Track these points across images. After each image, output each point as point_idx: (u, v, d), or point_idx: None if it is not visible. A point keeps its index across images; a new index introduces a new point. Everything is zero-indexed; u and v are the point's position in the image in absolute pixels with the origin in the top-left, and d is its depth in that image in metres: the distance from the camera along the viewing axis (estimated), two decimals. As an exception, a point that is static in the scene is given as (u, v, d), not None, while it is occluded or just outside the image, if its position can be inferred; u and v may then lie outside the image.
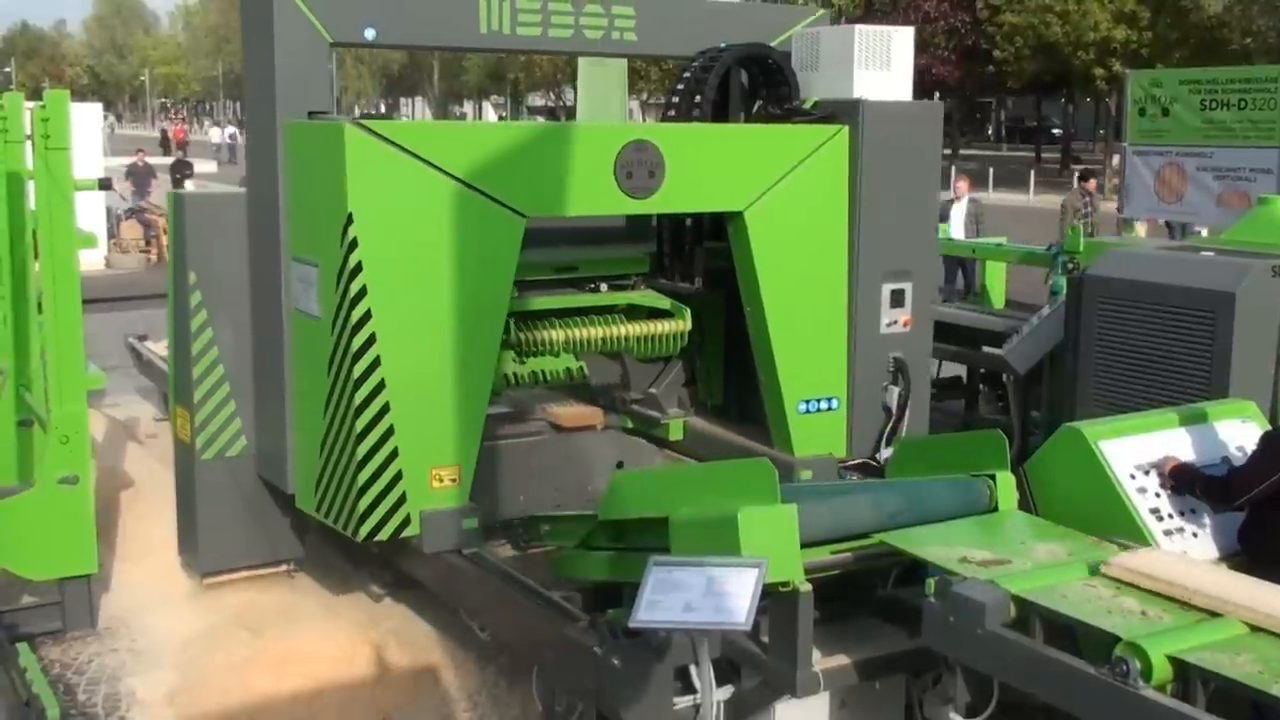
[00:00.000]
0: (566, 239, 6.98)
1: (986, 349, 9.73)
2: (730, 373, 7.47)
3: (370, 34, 6.51)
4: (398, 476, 5.77)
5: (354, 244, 5.61)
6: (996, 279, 11.82)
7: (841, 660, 4.39)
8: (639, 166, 6.19)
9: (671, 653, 4.38)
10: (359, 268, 5.63)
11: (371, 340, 5.67)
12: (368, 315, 5.66)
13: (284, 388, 6.36)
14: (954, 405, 10.73)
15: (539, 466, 7.16)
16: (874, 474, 7.42)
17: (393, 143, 5.66)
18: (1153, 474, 4.85)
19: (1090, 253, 8.57)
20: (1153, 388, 6.55)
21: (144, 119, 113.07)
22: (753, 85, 7.11)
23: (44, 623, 6.46)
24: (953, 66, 45.04)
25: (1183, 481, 4.78)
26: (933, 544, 4.40)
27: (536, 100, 77.29)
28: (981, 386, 10.37)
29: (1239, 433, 5.17)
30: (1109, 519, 4.68)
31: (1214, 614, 3.74)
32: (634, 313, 7.00)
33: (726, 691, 4.45)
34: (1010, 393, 9.05)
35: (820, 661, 4.31)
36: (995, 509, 4.79)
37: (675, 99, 7.00)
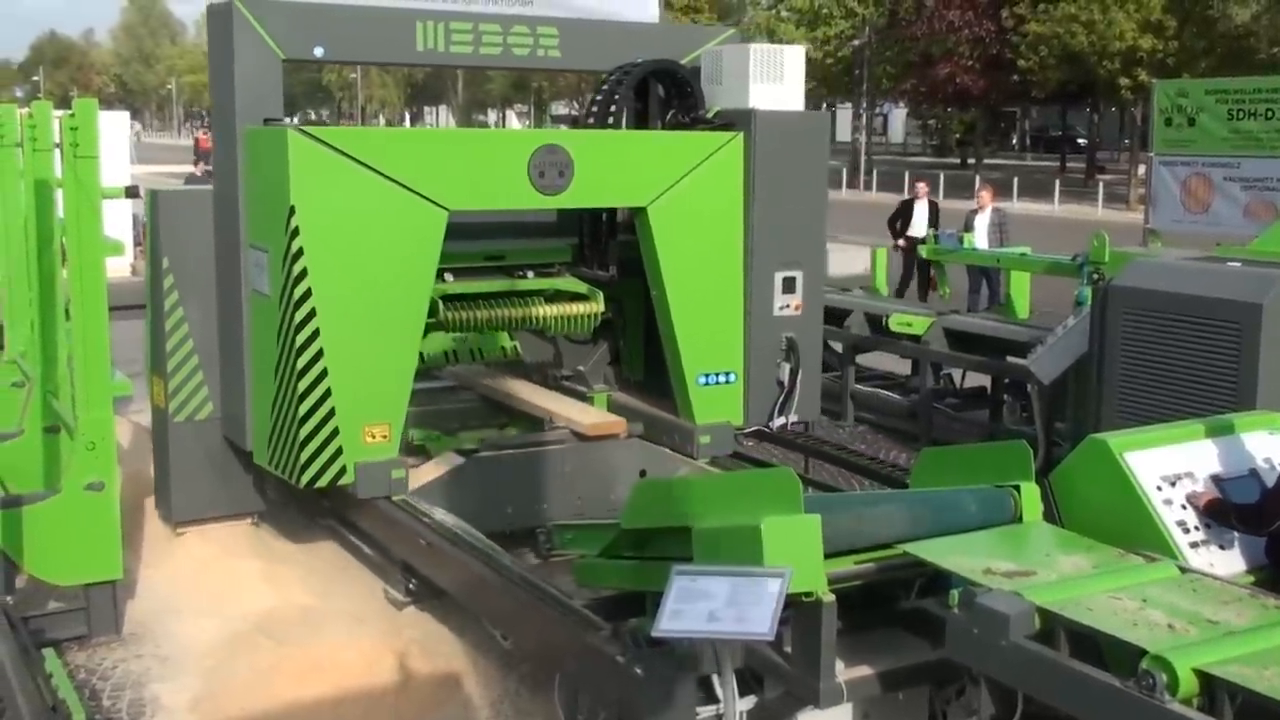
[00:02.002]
0: (499, 232, 7.87)
1: (1011, 359, 9.72)
2: (650, 352, 8.18)
3: (319, 52, 7.37)
4: (334, 432, 6.61)
5: (296, 232, 6.46)
6: (1021, 289, 11.79)
7: (865, 671, 4.38)
8: (550, 167, 6.99)
9: (694, 662, 4.38)
10: (300, 252, 6.47)
11: (311, 314, 6.51)
12: (308, 293, 6.49)
13: (243, 358, 7.21)
14: (979, 415, 10.72)
15: (562, 475, 7.19)
16: (767, 440, 8.29)
17: (330, 145, 6.52)
18: (1179, 485, 4.82)
19: (1115, 263, 8.55)
20: (1179, 398, 6.52)
21: (171, 128, 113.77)
22: (667, 96, 7.93)
23: (70, 628, 6.50)
24: (977, 76, 44.90)
25: (1217, 515, 4.73)
26: (957, 555, 4.38)
27: (560, 109, 77.45)
28: (1006, 397, 10.36)
29: (1266, 444, 5.13)
30: (1135, 531, 4.65)
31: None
32: (558, 296, 7.73)
33: (749, 702, 4.44)
34: (1035, 403, 9.04)
35: (843, 672, 4.30)
36: (1020, 520, 4.77)
37: (594, 109, 7.80)
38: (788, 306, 7.79)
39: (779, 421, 7.89)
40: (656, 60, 7.81)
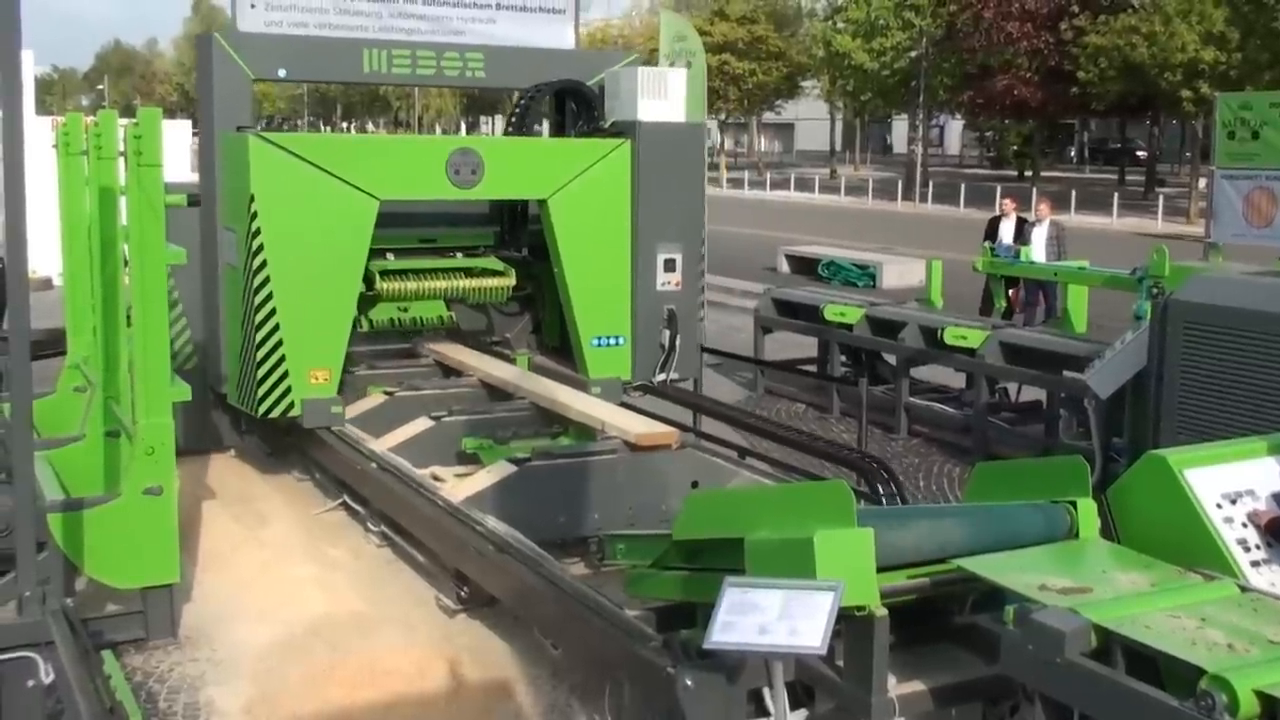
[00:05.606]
0: (435, 220, 9.71)
1: (1068, 374, 9.63)
2: (565, 321, 9.58)
3: (282, 73, 9.35)
4: (285, 374, 8.34)
5: (255, 215, 8.19)
6: (1079, 303, 11.67)
7: (917, 686, 4.35)
8: (464, 166, 8.66)
9: (745, 675, 4.37)
10: (258, 232, 8.19)
11: (267, 281, 8.23)
12: (264, 264, 8.21)
13: (220, 318, 8.96)
14: (1034, 430, 10.62)
15: (614, 485, 7.20)
16: (651, 394, 9.74)
17: (283, 148, 8.24)
18: (1240, 503, 4.74)
19: (1175, 277, 8.45)
20: (1239, 414, 6.43)
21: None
22: (577, 109, 9.78)
23: (127, 631, 6.56)
24: (1035, 88, 44.52)
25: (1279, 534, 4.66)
26: (1012, 571, 4.34)
27: (613, 119, 77.53)
28: (1062, 412, 10.25)
29: (1330, 463, 5.04)
30: (1194, 549, 4.58)
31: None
32: (480, 273, 9.51)
33: (800, 715, 4.42)
34: (1092, 418, 8.93)
35: (895, 687, 4.27)
36: (1076, 536, 4.71)
37: (512, 119, 9.80)
38: (669, 283, 9.49)
39: (660, 378, 9.53)
40: (562, 80, 9.65)
